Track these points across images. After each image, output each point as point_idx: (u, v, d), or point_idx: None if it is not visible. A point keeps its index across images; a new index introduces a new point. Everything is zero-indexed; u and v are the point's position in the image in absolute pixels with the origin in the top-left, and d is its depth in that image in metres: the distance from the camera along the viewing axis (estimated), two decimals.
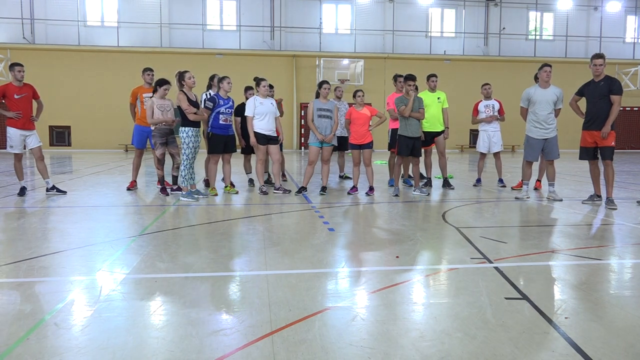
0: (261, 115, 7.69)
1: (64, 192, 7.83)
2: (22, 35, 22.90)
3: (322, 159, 8.06)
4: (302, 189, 8.00)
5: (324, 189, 8.02)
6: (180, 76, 7.24)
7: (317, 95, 8.04)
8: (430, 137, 8.62)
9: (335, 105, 8.06)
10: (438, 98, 8.57)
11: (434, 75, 8.70)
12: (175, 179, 7.87)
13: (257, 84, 7.82)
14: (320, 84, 7.98)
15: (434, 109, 8.48)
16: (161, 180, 7.94)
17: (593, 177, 7.27)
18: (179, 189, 7.64)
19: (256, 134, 7.72)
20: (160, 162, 7.78)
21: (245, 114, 7.78)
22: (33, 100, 7.67)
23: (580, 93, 7.19)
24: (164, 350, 2.39)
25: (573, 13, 26.46)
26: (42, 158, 7.81)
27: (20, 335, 2.54)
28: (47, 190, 7.78)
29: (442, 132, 8.71)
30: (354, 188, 8.06)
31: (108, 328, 2.64)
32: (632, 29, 27.24)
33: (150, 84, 8.35)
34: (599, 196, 7.22)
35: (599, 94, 6.87)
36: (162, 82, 7.54)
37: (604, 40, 26.44)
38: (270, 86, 8.96)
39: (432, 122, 8.49)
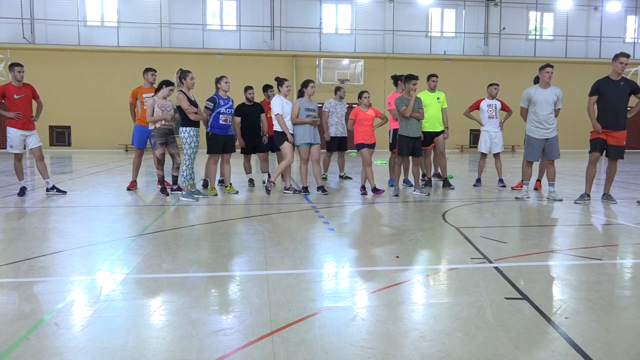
0: (286, 115, 7.70)
1: (64, 192, 7.83)
2: (22, 35, 22.90)
3: (312, 159, 8.03)
4: (305, 189, 8.02)
5: (321, 188, 8.02)
6: (182, 75, 7.22)
7: (301, 94, 7.99)
8: (430, 137, 8.62)
9: (317, 105, 8.14)
10: (438, 98, 8.58)
11: (435, 75, 8.70)
12: (175, 179, 7.87)
13: (280, 84, 7.76)
14: (307, 83, 7.94)
15: (434, 109, 8.48)
16: (161, 180, 7.93)
17: (589, 177, 7.26)
18: (179, 189, 7.64)
19: (284, 134, 7.69)
20: (160, 162, 7.77)
21: (276, 113, 7.64)
22: (33, 100, 7.66)
23: (596, 92, 7.02)
24: (164, 350, 2.39)
25: (573, 13, 26.46)
26: (42, 158, 7.80)
27: (20, 335, 2.54)
28: (47, 190, 7.78)
29: (442, 132, 8.71)
30: (377, 190, 7.86)
31: (108, 328, 2.64)
32: (632, 29, 27.24)
33: (152, 84, 8.34)
34: (589, 195, 7.25)
35: (622, 94, 6.86)
36: (169, 83, 7.52)
37: (604, 40, 26.44)
38: (270, 87, 8.92)
39: (431, 122, 8.49)
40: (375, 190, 7.86)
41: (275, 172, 8.05)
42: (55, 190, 7.79)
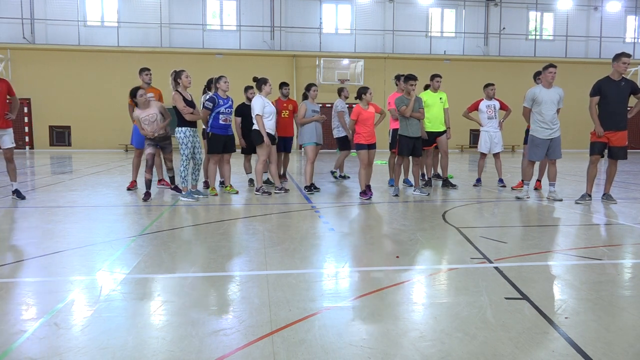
0: (269, 115, 7.66)
1: (24, 198, 7.32)
2: (22, 35, 22.89)
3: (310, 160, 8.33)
4: (308, 188, 8.12)
5: (313, 186, 8.26)
6: (177, 75, 7.16)
7: (305, 97, 8.63)
8: (433, 137, 8.62)
9: (319, 107, 8.77)
10: (440, 98, 8.58)
11: (439, 76, 8.70)
12: (172, 179, 7.86)
13: (264, 84, 7.67)
14: (310, 87, 8.56)
15: (436, 109, 8.48)
16: (147, 185, 7.54)
17: (590, 177, 7.24)
18: (177, 188, 7.63)
19: (267, 134, 7.63)
20: (150, 167, 7.45)
21: (256, 113, 7.53)
22: (8, 97, 7.19)
23: (598, 92, 6.95)
24: (164, 350, 2.39)
25: (573, 13, 26.45)
26: (12, 160, 7.33)
27: (20, 335, 2.54)
28: (12, 192, 7.36)
29: (445, 132, 8.70)
30: (366, 192, 7.49)
31: (108, 328, 2.64)
32: (632, 29, 27.23)
33: (149, 84, 8.32)
34: (590, 195, 7.25)
35: (623, 94, 6.85)
36: (135, 91, 7.37)
37: (604, 40, 26.44)
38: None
39: (434, 122, 8.49)
40: (362, 193, 7.55)
41: (257, 177, 7.97)
42: (15, 195, 7.31)
